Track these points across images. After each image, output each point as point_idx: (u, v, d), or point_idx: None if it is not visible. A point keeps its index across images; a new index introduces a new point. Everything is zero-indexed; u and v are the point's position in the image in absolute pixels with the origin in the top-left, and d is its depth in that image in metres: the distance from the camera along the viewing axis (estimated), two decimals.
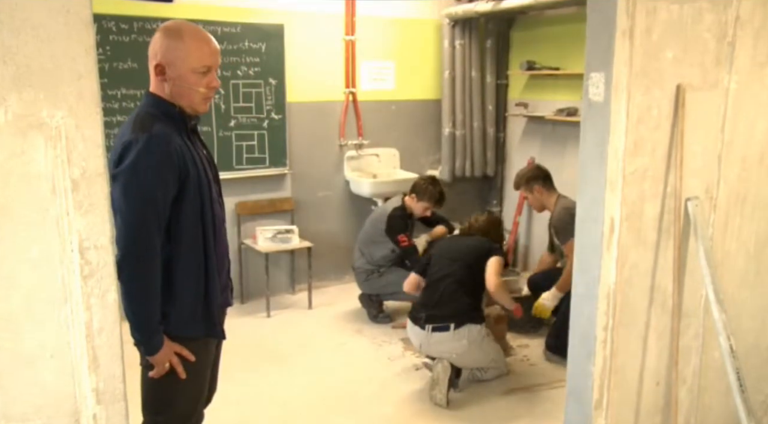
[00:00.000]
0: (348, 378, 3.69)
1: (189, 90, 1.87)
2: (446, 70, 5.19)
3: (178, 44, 1.84)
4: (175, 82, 1.86)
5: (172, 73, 1.85)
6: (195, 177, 1.87)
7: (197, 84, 1.87)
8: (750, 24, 2.29)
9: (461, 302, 3.47)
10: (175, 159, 1.81)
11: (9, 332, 1.46)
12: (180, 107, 1.90)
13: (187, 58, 1.84)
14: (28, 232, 1.45)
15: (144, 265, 1.80)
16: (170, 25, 1.91)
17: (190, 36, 1.86)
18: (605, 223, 2.17)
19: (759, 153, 2.45)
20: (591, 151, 2.19)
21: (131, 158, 1.75)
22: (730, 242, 2.47)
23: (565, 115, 4.63)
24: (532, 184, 3.94)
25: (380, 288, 4.39)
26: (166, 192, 1.81)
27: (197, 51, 1.86)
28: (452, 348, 3.42)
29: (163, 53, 1.85)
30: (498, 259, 3.60)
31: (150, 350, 1.87)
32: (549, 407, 3.33)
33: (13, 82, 1.38)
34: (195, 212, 1.89)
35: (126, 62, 4.12)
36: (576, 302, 2.33)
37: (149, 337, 1.85)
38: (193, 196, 1.87)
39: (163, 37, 1.86)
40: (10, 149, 1.40)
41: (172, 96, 1.88)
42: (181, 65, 1.84)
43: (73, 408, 1.56)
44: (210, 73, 1.90)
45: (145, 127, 1.80)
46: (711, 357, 2.51)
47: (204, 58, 1.87)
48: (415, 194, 4.33)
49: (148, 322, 1.84)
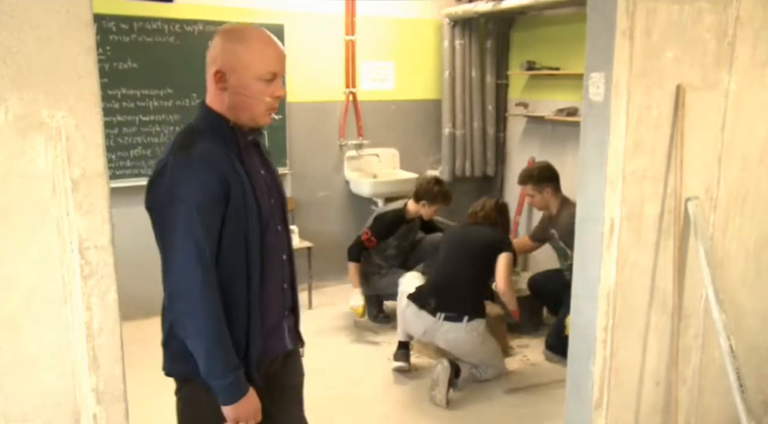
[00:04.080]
0: (348, 378, 3.69)
1: (252, 100, 1.64)
2: (446, 70, 5.19)
3: (241, 48, 1.61)
4: (236, 90, 1.63)
5: (233, 81, 1.62)
6: (240, 204, 1.63)
7: (261, 93, 1.64)
8: (750, 24, 2.29)
9: (473, 294, 3.51)
10: (217, 185, 1.58)
11: (9, 332, 1.46)
12: (234, 122, 1.67)
13: (251, 63, 1.61)
14: (28, 232, 1.44)
15: (194, 302, 1.57)
16: (232, 27, 1.68)
17: (254, 39, 1.63)
18: (605, 223, 2.17)
19: (759, 153, 2.45)
20: (591, 151, 2.19)
21: (167, 187, 1.56)
22: (730, 242, 2.47)
23: (565, 115, 4.63)
24: (544, 186, 3.86)
25: (381, 289, 4.38)
26: (209, 224, 1.58)
27: (262, 55, 1.63)
28: (461, 339, 3.42)
29: (224, 58, 1.62)
30: (509, 256, 3.59)
31: (228, 396, 1.61)
32: (549, 406, 3.33)
33: (13, 83, 1.38)
34: (238, 244, 1.64)
35: (126, 62, 4.12)
36: (576, 302, 2.33)
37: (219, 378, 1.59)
38: (234, 225, 1.63)
39: (223, 40, 1.64)
40: (10, 149, 1.40)
41: (232, 107, 1.65)
42: (243, 72, 1.61)
43: (73, 408, 1.56)
44: (276, 81, 1.66)
45: (185, 146, 1.59)
46: (711, 357, 2.51)
47: (270, 63, 1.63)
48: (425, 201, 4.20)
49: (225, 357, 1.60)
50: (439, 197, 4.21)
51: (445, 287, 3.51)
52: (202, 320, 1.57)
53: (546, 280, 4.18)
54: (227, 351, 1.61)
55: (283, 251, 1.81)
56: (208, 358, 1.58)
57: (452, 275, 3.55)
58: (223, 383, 1.60)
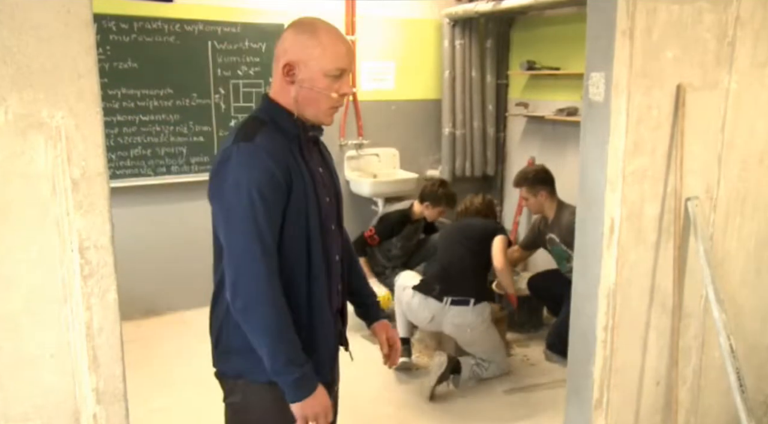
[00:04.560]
0: (348, 377, 3.67)
1: (318, 95, 1.60)
2: (446, 70, 5.19)
3: (312, 41, 1.58)
4: (303, 84, 1.60)
5: (302, 75, 1.59)
6: (301, 200, 1.60)
7: (328, 88, 1.60)
8: (750, 24, 2.29)
9: (477, 278, 3.60)
10: (281, 176, 1.55)
11: (9, 332, 1.46)
12: (298, 116, 1.64)
13: (321, 57, 1.58)
14: (28, 232, 1.44)
15: (258, 291, 1.53)
16: (303, 20, 1.65)
17: (324, 33, 1.60)
18: (605, 223, 2.17)
19: (759, 153, 2.45)
20: (591, 151, 2.19)
21: (231, 175, 1.52)
22: (730, 241, 2.47)
23: (566, 115, 4.63)
24: (539, 189, 3.85)
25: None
26: (272, 216, 1.55)
27: (332, 51, 1.59)
28: (470, 322, 3.46)
29: (294, 51, 1.59)
30: (503, 238, 3.69)
31: (297, 392, 1.57)
32: (549, 406, 3.33)
33: (13, 82, 1.38)
34: (299, 244, 1.62)
35: (126, 62, 4.11)
36: (576, 301, 2.33)
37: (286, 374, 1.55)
38: (295, 222, 1.60)
39: (294, 32, 1.61)
40: (10, 149, 1.40)
41: (298, 102, 1.62)
42: (314, 65, 1.58)
43: (73, 408, 1.56)
44: (343, 78, 1.63)
45: (249, 136, 1.56)
46: (711, 357, 2.51)
47: (339, 58, 1.60)
48: (429, 203, 4.25)
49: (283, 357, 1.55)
50: (443, 200, 4.23)
51: (448, 273, 3.60)
52: (266, 311, 1.53)
53: (546, 280, 4.17)
54: (292, 345, 1.56)
55: (338, 251, 1.78)
56: (272, 352, 1.54)
57: (453, 262, 3.63)
58: (288, 379, 1.56)
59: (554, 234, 3.87)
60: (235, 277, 1.53)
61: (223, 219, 1.55)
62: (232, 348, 1.65)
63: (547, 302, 4.28)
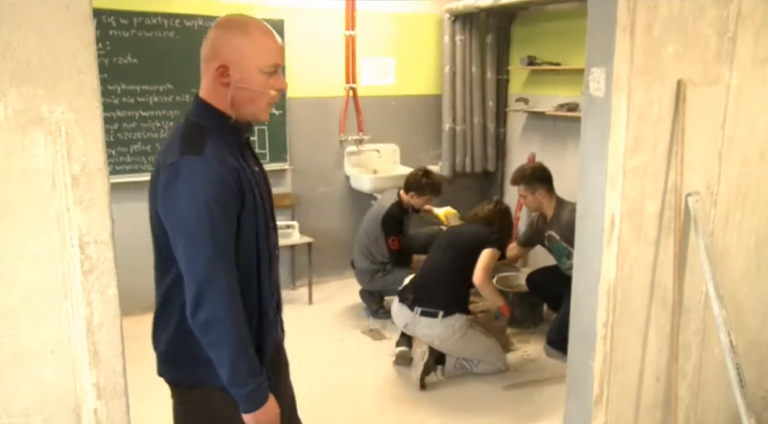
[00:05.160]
0: (348, 373, 3.70)
1: (255, 93, 1.60)
2: (446, 65, 5.18)
3: (245, 40, 1.57)
4: (239, 84, 1.58)
5: (237, 75, 1.58)
6: (251, 202, 1.61)
7: (265, 85, 1.60)
8: (751, 20, 2.29)
9: (452, 289, 3.51)
10: (234, 185, 1.55)
11: (9, 328, 1.46)
12: (235, 118, 1.63)
13: (255, 55, 1.57)
14: (29, 228, 1.44)
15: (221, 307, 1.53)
16: (231, 18, 1.63)
17: (256, 30, 1.59)
18: (606, 219, 2.17)
19: (760, 149, 2.44)
20: (592, 146, 2.18)
21: (186, 189, 1.50)
22: (731, 237, 2.47)
23: (566, 110, 4.62)
24: (536, 186, 3.82)
25: (385, 286, 4.38)
26: (230, 226, 1.56)
27: (265, 46, 1.59)
28: (437, 334, 3.46)
29: (227, 51, 1.57)
30: (491, 251, 3.53)
31: (252, 403, 1.59)
32: (549, 402, 3.34)
33: (12, 78, 1.38)
34: (250, 242, 1.63)
35: (126, 57, 4.11)
36: (576, 297, 2.33)
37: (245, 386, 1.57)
38: (247, 224, 1.61)
39: (224, 32, 1.59)
40: (9, 145, 1.40)
41: (234, 102, 1.61)
42: (248, 64, 1.57)
43: (74, 403, 1.56)
44: (278, 73, 1.63)
45: (198, 145, 1.54)
46: (711, 353, 2.52)
47: (273, 54, 1.60)
48: (414, 192, 4.34)
49: (242, 370, 1.57)
50: (427, 188, 4.31)
51: (424, 283, 3.57)
52: (229, 326, 1.53)
53: (545, 277, 4.17)
54: (252, 357, 1.59)
55: (276, 247, 1.81)
56: (234, 365, 1.55)
57: (434, 270, 3.60)
58: (247, 391, 1.57)
59: (554, 231, 3.86)
60: (197, 292, 1.52)
61: (182, 236, 1.53)
62: (190, 358, 1.64)
63: (547, 298, 4.28)
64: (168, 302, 1.66)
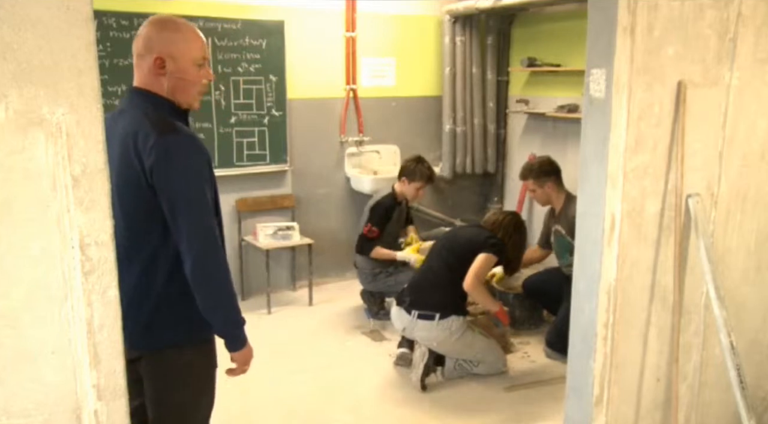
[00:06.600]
0: (348, 374, 3.69)
1: (189, 83, 1.84)
2: (447, 66, 5.18)
3: (178, 36, 1.81)
4: (174, 75, 1.82)
5: (172, 67, 1.81)
6: (214, 176, 1.88)
7: (198, 76, 1.85)
8: (752, 20, 2.29)
9: (448, 292, 3.50)
10: (208, 156, 1.82)
11: (10, 329, 1.46)
12: (178, 103, 1.87)
13: (188, 49, 1.82)
14: (29, 228, 1.44)
15: (221, 259, 1.81)
16: (162, 18, 1.86)
17: (186, 28, 1.84)
18: (606, 219, 2.17)
19: (760, 150, 2.44)
20: (592, 147, 2.18)
21: (184, 160, 1.74)
22: (731, 238, 2.47)
23: (566, 111, 4.62)
24: (545, 180, 3.83)
25: (386, 287, 4.38)
26: (211, 193, 1.83)
27: (196, 43, 1.84)
28: (435, 337, 3.47)
29: (162, 46, 1.80)
30: (486, 256, 3.46)
31: (243, 342, 1.89)
32: (549, 403, 3.33)
33: (13, 79, 1.38)
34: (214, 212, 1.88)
35: (127, 59, 4.11)
36: (577, 298, 2.33)
37: (240, 327, 1.87)
38: (211, 196, 1.86)
39: (159, 29, 1.82)
40: (10, 146, 1.40)
41: (171, 91, 1.84)
42: (182, 58, 1.81)
43: (74, 404, 1.56)
44: (206, 66, 1.88)
45: (175, 126, 1.76)
46: (711, 354, 2.51)
47: (201, 49, 1.86)
48: (405, 177, 4.30)
49: (237, 313, 1.86)
50: (416, 174, 4.27)
51: (421, 286, 3.57)
52: (227, 277, 1.81)
53: (541, 281, 4.16)
54: (238, 304, 1.87)
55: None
56: (230, 310, 1.83)
57: (430, 273, 3.60)
58: (237, 332, 1.86)
59: (560, 225, 3.86)
60: (203, 251, 1.75)
61: (183, 204, 1.73)
62: (178, 318, 1.85)
63: (544, 302, 4.27)
64: (147, 275, 1.82)
